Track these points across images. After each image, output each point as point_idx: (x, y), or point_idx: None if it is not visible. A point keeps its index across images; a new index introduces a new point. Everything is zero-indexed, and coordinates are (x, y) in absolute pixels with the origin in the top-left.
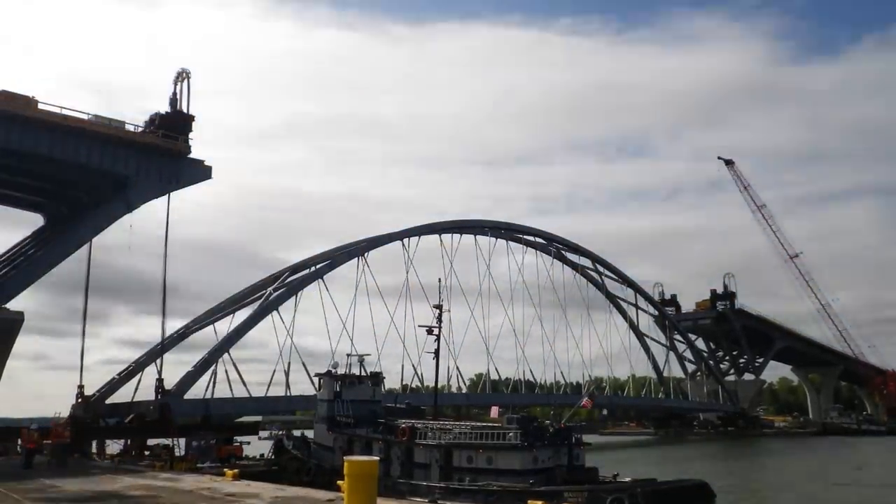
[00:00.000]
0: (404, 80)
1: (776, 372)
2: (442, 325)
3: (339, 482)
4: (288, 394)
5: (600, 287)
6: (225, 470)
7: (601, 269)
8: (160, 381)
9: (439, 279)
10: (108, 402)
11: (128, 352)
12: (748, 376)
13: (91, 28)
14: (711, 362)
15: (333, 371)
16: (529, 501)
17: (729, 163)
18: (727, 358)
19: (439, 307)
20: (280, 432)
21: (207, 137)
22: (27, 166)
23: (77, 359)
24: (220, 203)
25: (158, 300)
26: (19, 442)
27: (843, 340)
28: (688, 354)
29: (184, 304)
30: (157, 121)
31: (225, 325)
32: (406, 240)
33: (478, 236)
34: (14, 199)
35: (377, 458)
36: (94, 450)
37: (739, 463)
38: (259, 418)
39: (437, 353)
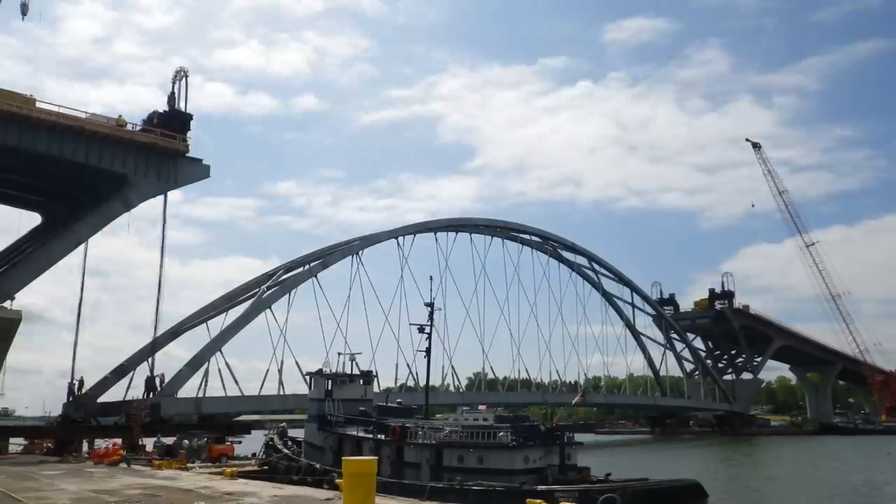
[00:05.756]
0: None
1: (774, 371)
2: (434, 323)
3: (338, 481)
4: (281, 392)
5: (597, 286)
6: (224, 468)
7: (597, 267)
8: (151, 379)
9: (430, 277)
10: (99, 400)
11: None
12: (746, 375)
13: None
14: (709, 361)
15: (324, 370)
16: (528, 500)
17: (756, 146)
18: (725, 357)
19: (430, 305)
20: (270, 432)
21: None
22: (25, 165)
23: None
24: None
25: None
26: None
27: (849, 334)
28: (686, 354)
29: None
30: (155, 119)
31: (218, 324)
32: (401, 238)
33: (473, 235)
34: (12, 198)
35: (374, 458)
36: (94, 447)
37: (733, 462)
38: (256, 417)
39: (427, 351)
